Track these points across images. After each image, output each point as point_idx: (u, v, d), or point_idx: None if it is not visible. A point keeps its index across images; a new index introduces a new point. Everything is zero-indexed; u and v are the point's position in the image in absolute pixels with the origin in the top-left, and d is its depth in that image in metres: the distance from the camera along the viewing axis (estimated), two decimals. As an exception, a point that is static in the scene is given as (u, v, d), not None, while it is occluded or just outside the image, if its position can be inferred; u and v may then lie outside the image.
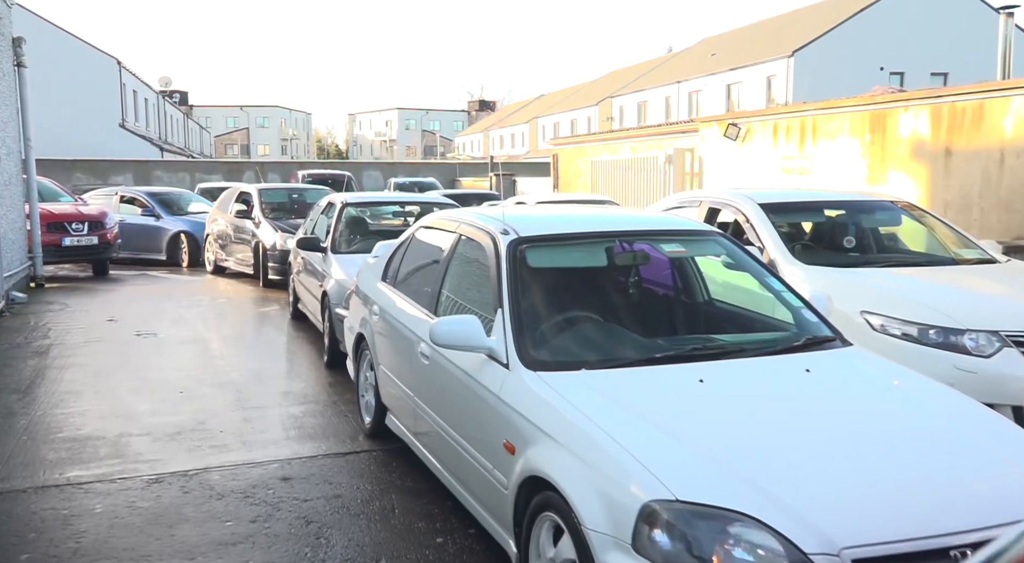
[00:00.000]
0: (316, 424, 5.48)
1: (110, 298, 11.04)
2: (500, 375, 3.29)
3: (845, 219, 6.09)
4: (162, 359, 7.38)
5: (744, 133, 10.72)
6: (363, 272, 5.70)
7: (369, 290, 5.29)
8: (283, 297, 10.97)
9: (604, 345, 3.45)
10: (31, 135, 12.02)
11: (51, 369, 6.96)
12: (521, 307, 3.47)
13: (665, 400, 2.93)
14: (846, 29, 33.58)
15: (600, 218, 4.32)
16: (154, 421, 5.50)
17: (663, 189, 12.70)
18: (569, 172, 18.00)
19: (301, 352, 7.76)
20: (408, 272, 4.83)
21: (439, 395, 3.88)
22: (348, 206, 8.30)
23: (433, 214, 4.93)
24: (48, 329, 8.73)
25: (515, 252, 3.72)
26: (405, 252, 5.00)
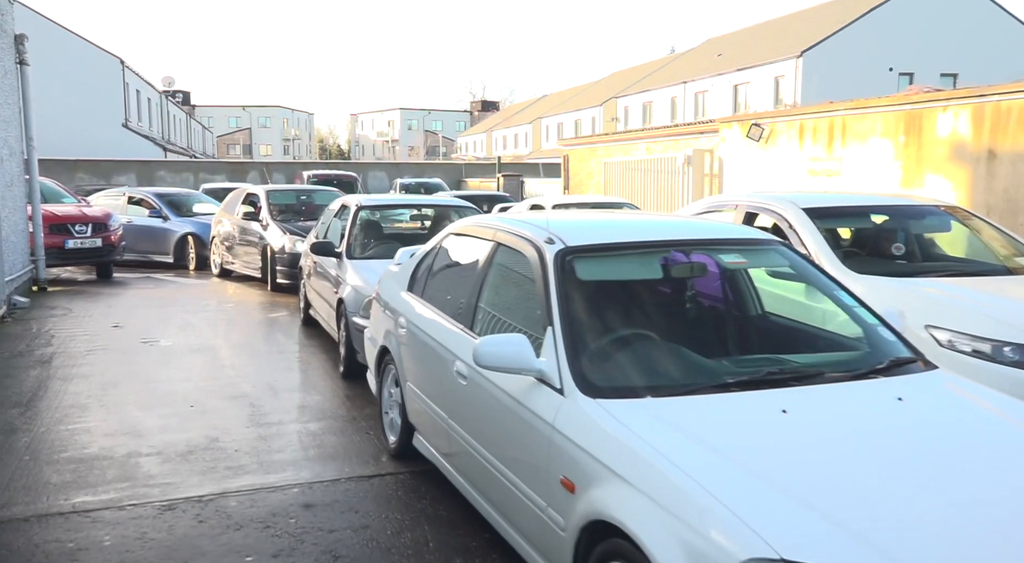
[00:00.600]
0: (337, 443, 5.16)
1: (114, 303, 10.72)
2: (554, 402, 2.97)
3: (893, 225, 5.77)
4: (170, 369, 7.07)
5: (767, 134, 10.39)
6: (385, 281, 5.38)
7: (393, 300, 4.97)
8: (292, 302, 10.66)
9: (667, 368, 3.13)
10: (34, 135, 11.72)
11: (54, 380, 6.65)
12: (574, 326, 3.16)
13: (748, 435, 2.61)
14: (855, 29, 33.24)
15: (651, 225, 3.99)
16: (164, 438, 5.18)
17: (682, 191, 12.37)
18: (580, 173, 17.67)
19: (315, 361, 7.44)
20: (438, 283, 4.51)
21: (479, 419, 3.56)
22: (363, 209, 7.98)
23: (464, 220, 4.62)
24: (51, 336, 8.41)
25: (563, 264, 3.40)
26: (433, 261, 4.68)
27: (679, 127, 13.53)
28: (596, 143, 17.02)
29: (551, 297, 3.27)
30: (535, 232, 3.67)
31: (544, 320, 3.24)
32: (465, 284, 4.12)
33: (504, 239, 3.90)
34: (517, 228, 3.83)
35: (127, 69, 35.58)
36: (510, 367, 3.10)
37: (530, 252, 3.58)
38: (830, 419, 2.73)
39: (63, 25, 33.23)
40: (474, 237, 4.30)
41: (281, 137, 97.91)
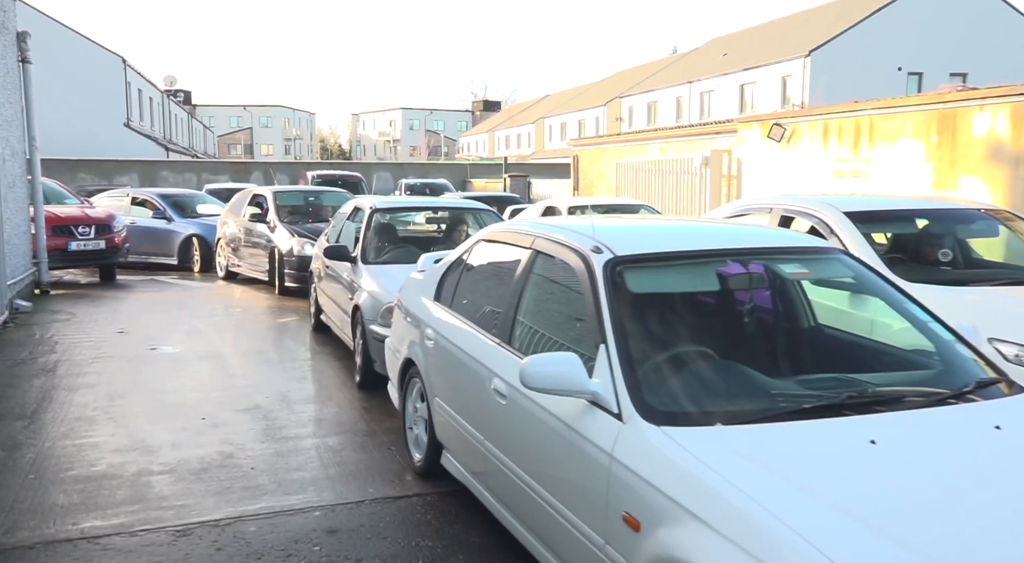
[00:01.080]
0: (358, 460, 4.89)
1: (119, 307, 10.46)
2: (611, 428, 2.71)
3: (939, 229, 5.49)
4: (179, 378, 6.80)
5: (789, 134, 10.12)
6: (408, 289, 5.12)
7: (418, 310, 4.70)
8: (302, 306, 10.40)
9: (736, 391, 2.86)
10: (36, 134, 11.46)
11: (59, 390, 6.39)
12: (630, 344, 2.89)
13: (836, 470, 2.34)
14: (863, 28, 32.97)
15: (705, 232, 3.72)
16: (176, 455, 4.92)
17: (699, 193, 12.10)
18: (591, 174, 17.40)
19: (329, 370, 7.18)
20: (469, 293, 4.24)
21: (521, 442, 3.29)
22: (378, 212, 7.71)
23: (496, 226, 4.35)
24: (55, 343, 8.15)
25: (613, 275, 3.13)
26: (463, 269, 4.41)
27: (694, 127, 13.26)
28: (607, 143, 16.74)
29: (602, 312, 3.00)
30: (580, 240, 3.40)
31: (595, 337, 2.98)
32: (500, 295, 3.85)
33: (544, 247, 3.64)
34: (559, 235, 3.57)
35: (129, 68, 35.32)
36: (561, 389, 2.84)
37: (575, 262, 3.32)
38: (926, 452, 2.46)
39: (65, 23, 32.99)
40: (509, 244, 4.03)
41: (282, 137, 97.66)
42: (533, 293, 3.63)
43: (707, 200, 11.86)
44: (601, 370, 2.86)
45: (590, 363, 2.91)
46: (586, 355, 3.01)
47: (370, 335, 6.29)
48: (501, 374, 3.47)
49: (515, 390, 3.31)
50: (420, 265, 5.27)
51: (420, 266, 5.26)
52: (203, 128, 65.13)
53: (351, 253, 7.32)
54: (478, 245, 4.39)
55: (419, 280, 5.00)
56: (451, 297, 4.40)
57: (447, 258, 4.73)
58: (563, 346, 3.26)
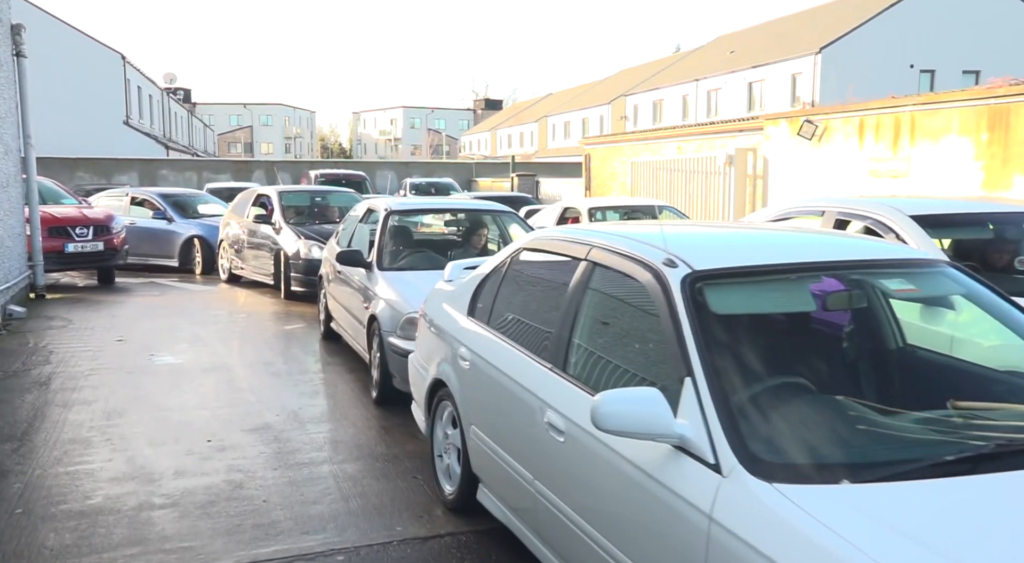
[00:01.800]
0: (381, 490, 4.42)
1: (117, 312, 9.99)
2: (708, 483, 2.24)
3: (1015, 235, 5.03)
4: (182, 393, 6.33)
5: (821, 131, 9.65)
6: (436, 300, 4.65)
7: (449, 326, 4.24)
8: (309, 312, 9.93)
9: (853, 435, 2.40)
10: (31, 132, 10.99)
11: (53, 406, 5.92)
12: (722, 377, 2.42)
13: (1014, 548, 1.88)
14: (875, 25, 32.47)
15: (791, 241, 3.24)
16: (180, 485, 4.45)
17: (723, 194, 11.61)
18: (603, 173, 16.93)
19: (341, 383, 6.71)
20: (512, 309, 3.77)
21: (584, 489, 2.82)
22: (394, 214, 7.24)
23: (540, 234, 3.87)
24: (49, 352, 7.68)
25: (693, 293, 2.66)
26: (502, 282, 3.94)
27: (715, 125, 12.79)
28: (621, 142, 16.27)
29: (684, 338, 2.54)
30: (648, 252, 2.93)
31: (677, 368, 2.51)
32: (550, 313, 3.38)
33: (603, 259, 3.16)
34: (621, 245, 3.10)
35: (128, 65, 34.83)
36: (642, 432, 2.37)
37: (644, 277, 2.85)
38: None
39: (62, 19, 32.50)
40: (558, 254, 3.56)
41: (283, 135, 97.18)
42: (591, 312, 3.16)
43: (731, 201, 11.38)
44: (688, 409, 2.40)
45: (672, 399, 2.44)
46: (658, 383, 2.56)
47: (388, 348, 5.83)
48: (557, 406, 3.01)
49: (576, 426, 2.84)
50: (448, 274, 4.80)
51: (448, 275, 4.79)
52: (203, 126, 64.63)
53: (366, 258, 6.85)
54: (519, 254, 3.92)
55: (448, 291, 4.53)
56: (488, 313, 3.93)
57: (481, 268, 4.26)
58: (633, 376, 2.79)
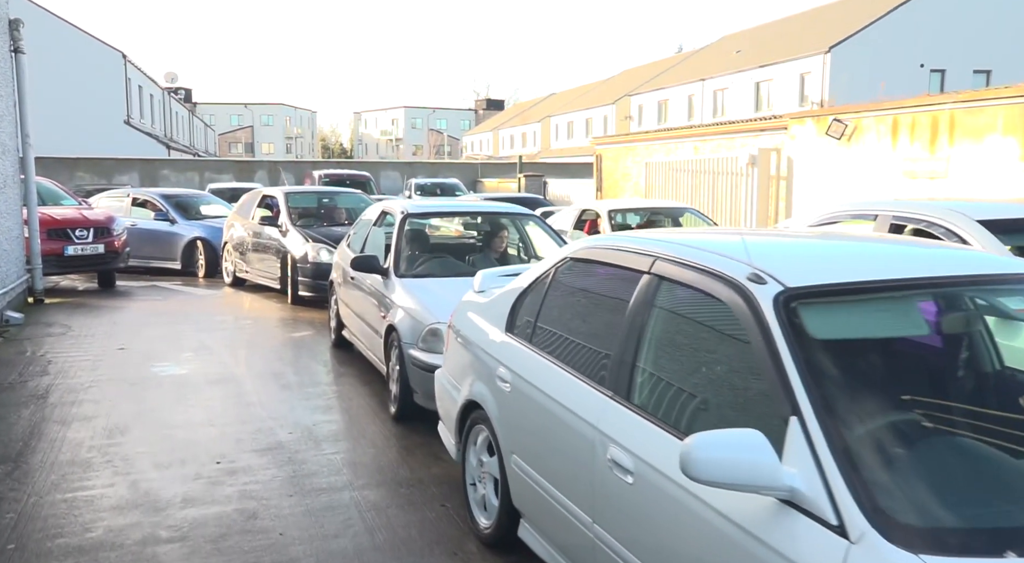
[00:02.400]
0: (408, 521, 4.04)
1: (118, 318, 9.62)
2: (830, 549, 1.87)
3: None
4: (187, 407, 5.96)
5: (851, 130, 9.27)
6: (466, 313, 4.27)
7: (484, 342, 3.86)
8: (318, 318, 9.56)
9: (1002, 489, 2.02)
10: (30, 131, 10.62)
11: (50, 423, 5.54)
12: (836, 415, 2.05)
13: None
14: (884, 24, 32.07)
15: (893, 253, 2.86)
16: (189, 515, 4.07)
17: (745, 195, 11.22)
18: (615, 174, 16.55)
19: (357, 397, 6.33)
20: (559, 326, 3.39)
21: (660, 542, 2.44)
22: (411, 217, 6.86)
23: (592, 241, 3.48)
24: (47, 362, 7.31)
25: (788, 315, 2.29)
26: (546, 295, 3.56)
27: (735, 124, 12.42)
28: (634, 141, 15.89)
29: (786, 369, 2.16)
30: (726, 265, 2.56)
31: (777, 404, 2.14)
32: (608, 333, 3.01)
33: (672, 272, 2.79)
34: (694, 257, 2.72)
35: (129, 64, 34.46)
36: (744, 484, 2.00)
37: (726, 295, 2.48)
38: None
39: (62, 17, 32.12)
40: (613, 266, 3.18)
41: (284, 135, 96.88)
42: (659, 333, 2.78)
43: (754, 202, 11.00)
44: (797, 455, 2.02)
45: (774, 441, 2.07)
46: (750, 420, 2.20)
47: (409, 361, 5.45)
48: (623, 442, 2.63)
49: (648, 467, 2.47)
50: (478, 284, 4.43)
51: (478, 285, 4.41)
52: (204, 126, 64.25)
53: (382, 264, 6.47)
54: (566, 265, 3.54)
55: (481, 303, 4.15)
56: (530, 330, 3.55)
57: (520, 280, 3.88)
58: (717, 412, 2.42)
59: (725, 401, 2.43)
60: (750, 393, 2.34)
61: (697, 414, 2.47)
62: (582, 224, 10.24)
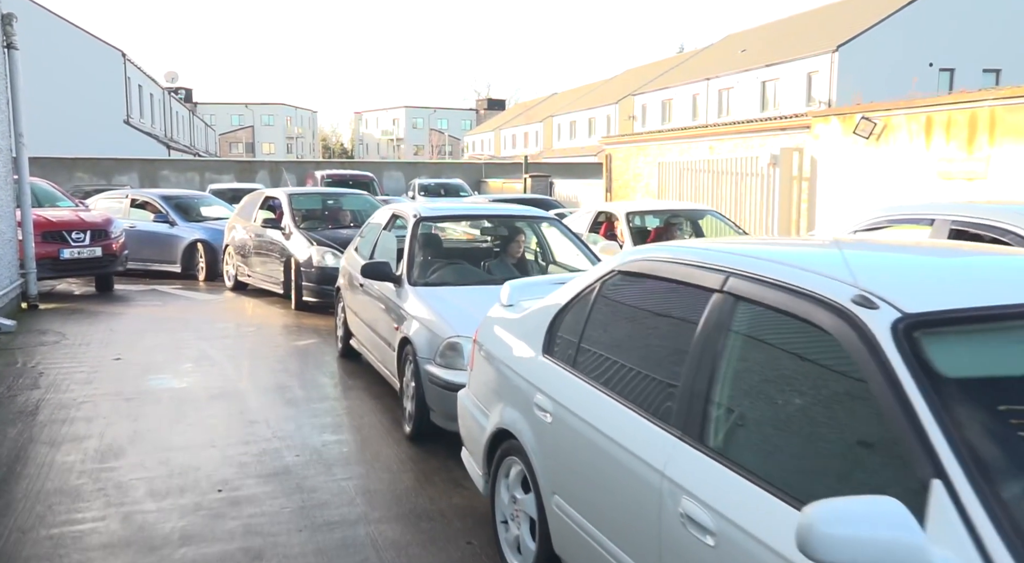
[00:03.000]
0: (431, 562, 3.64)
1: (116, 325, 9.21)
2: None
3: None
4: (187, 426, 5.55)
5: (880, 129, 8.87)
6: (493, 328, 3.87)
7: (516, 364, 3.46)
8: (323, 325, 9.17)
9: None
10: (23, 129, 10.21)
11: (38, 444, 5.14)
12: (992, 478, 1.65)
13: None
14: (892, 23, 31.66)
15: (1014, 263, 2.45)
16: (188, 555, 3.67)
17: (765, 197, 10.81)
18: (626, 174, 16.14)
19: (367, 413, 5.93)
20: (607, 349, 2.98)
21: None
22: (424, 221, 6.46)
23: (643, 252, 3.07)
24: (39, 374, 6.91)
25: (912, 348, 1.89)
26: (590, 313, 3.15)
27: (754, 122, 12.02)
28: (645, 141, 15.48)
29: (919, 417, 1.77)
30: (823, 284, 2.17)
31: (914, 462, 1.74)
32: (672, 360, 2.60)
33: (751, 292, 2.38)
34: (780, 273, 2.32)
35: (129, 62, 34.05)
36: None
37: (828, 321, 2.08)
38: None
39: (59, 14, 31.70)
40: (674, 281, 2.77)
41: (284, 135, 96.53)
42: (738, 364, 2.37)
43: (775, 204, 10.58)
44: (946, 530, 1.63)
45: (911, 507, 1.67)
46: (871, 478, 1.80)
47: (426, 377, 5.05)
48: (699, 494, 2.23)
49: (736, 529, 2.07)
50: (506, 296, 4.02)
51: (507, 298, 4.00)
52: (204, 126, 63.84)
53: (394, 271, 6.07)
54: (612, 278, 3.13)
55: (512, 319, 3.75)
56: (573, 352, 3.14)
57: (557, 295, 3.47)
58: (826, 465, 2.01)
59: (836, 454, 2.02)
60: (871, 446, 1.93)
61: (800, 469, 2.06)
62: (598, 227, 9.83)
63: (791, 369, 2.28)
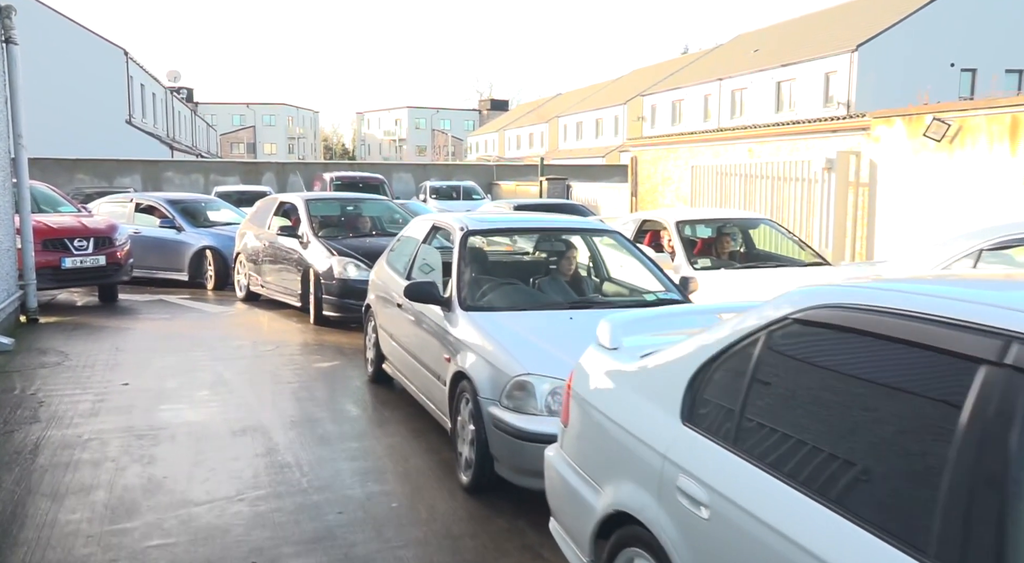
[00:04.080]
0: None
1: (122, 343, 8.50)
2: None
3: None
4: (209, 473, 4.83)
5: (955, 132, 8.16)
6: (595, 376, 3.16)
7: (640, 430, 2.74)
8: (346, 343, 8.47)
9: None
10: (23, 130, 9.50)
11: (37, 497, 4.42)
12: None
13: None
14: (913, 22, 30.96)
15: None
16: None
17: (820, 204, 10.08)
18: (653, 177, 15.43)
19: (412, 454, 5.22)
20: (792, 428, 2.25)
21: None
22: (473, 234, 5.74)
23: (834, 292, 2.31)
24: (39, 403, 6.19)
25: None
26: (754, 374, 2.42)
27: (801, 124, 11.29)
28: (676, 143, 14.77)
29: None
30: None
31: None
32: (914, 458, 1.88)
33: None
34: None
35: (131, 61, 33.33)
36: None
37: None
38: None
39: (60, 11, 30.97)
40: (897, 340, 2.04)
41: (286, 136, 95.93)
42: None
43: (831, 213, 9.86)
44: None
45: None
46: None
47: (489, 421, 4.34)
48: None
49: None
50: (608, 336, 3.28)
51: (609, 339, 3.27)
52: (206, 126, 63.11)
53: (442, 292, 5.35)
54: (785, 329, 2.40)
55: (626, 370, 3.02)
56: (732, 425, 2.42)
57: (695, 345, 2.74)
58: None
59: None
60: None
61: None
62: (641, 237, 9.11)
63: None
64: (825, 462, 2.10)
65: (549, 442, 4.02)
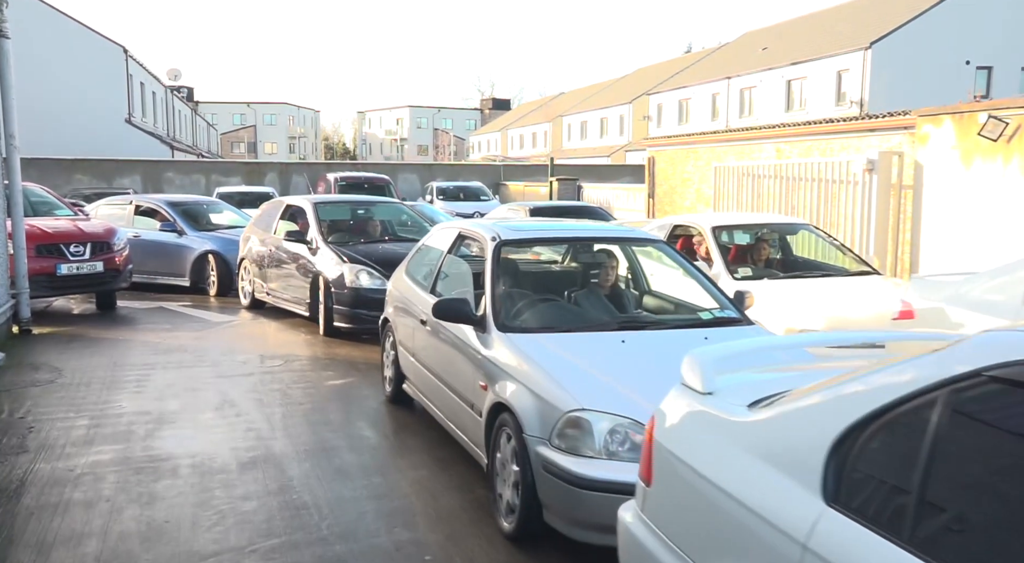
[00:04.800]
0: None
1: (120, 357, 7.94)
2: None
3: None
4: (217, 517, 4.28)
5: (1012, 131, 7.61)
6: (690, 429, 2.61)
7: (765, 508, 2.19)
8: (359, 356, 7.94)
9: None
10: (15, 130, 8.96)
11: (20, 548, 3.87)
12: None
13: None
14: (928, 19, 30.37)
15: None
16: None
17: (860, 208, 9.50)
18: (672, 178, 14.87)
19: (440, 492, 4.66)
20: (1002, 522, 1.71)
21: None
22: (507, 245, 5.17)
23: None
24: (28, 429, 5.64)
25: None
26: (933, 445, 1.87)
27: (835, 123, 10.71)
28: (697, 143, 14.21)
29: None
30: None
31: None
32: None
33: None
34: None
35: (131, 59, 32.75)
36: None
37: None
38: None
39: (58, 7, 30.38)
40: None
41: (287, 135, 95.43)
42: None
43: (872, 218, 9.30)
44: None
45: None
46: None
47: (538, 463, 3.79)
48: None
49: None
50: (700, 378, 2.71)
51: (702, 382, 2.70)
52: (207, 126, 62.53)
53: (475, 310, 4.79)
54: (978, 389, 1.84)
55: (734, 422, 2.47)
56: (906, 513, 1.85)
57: (828, 395, 2.19)
58: None
59: None
60: None
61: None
62: (673, 242, 8.54)
63: None
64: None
65: (609, 491, 3.50)
